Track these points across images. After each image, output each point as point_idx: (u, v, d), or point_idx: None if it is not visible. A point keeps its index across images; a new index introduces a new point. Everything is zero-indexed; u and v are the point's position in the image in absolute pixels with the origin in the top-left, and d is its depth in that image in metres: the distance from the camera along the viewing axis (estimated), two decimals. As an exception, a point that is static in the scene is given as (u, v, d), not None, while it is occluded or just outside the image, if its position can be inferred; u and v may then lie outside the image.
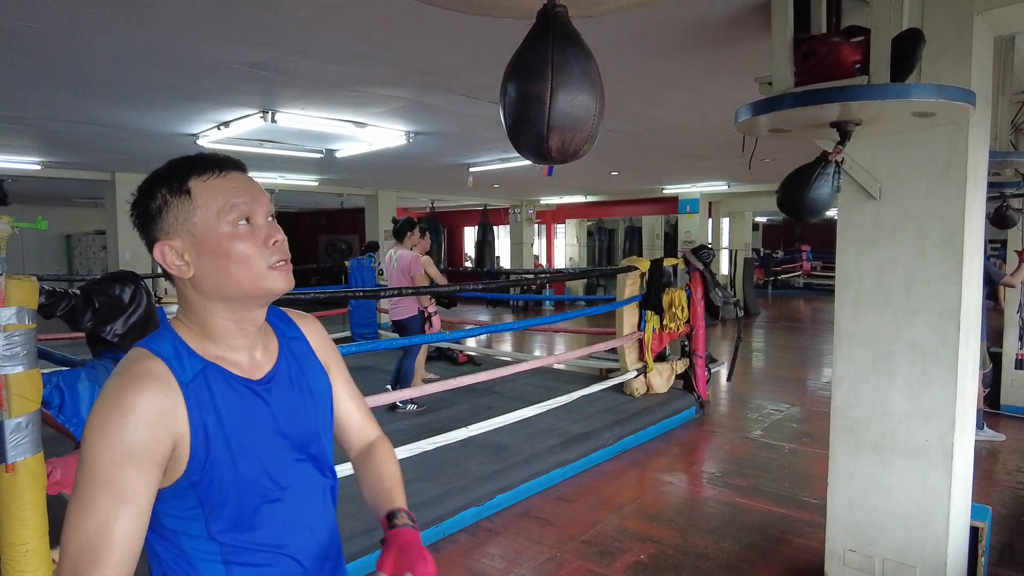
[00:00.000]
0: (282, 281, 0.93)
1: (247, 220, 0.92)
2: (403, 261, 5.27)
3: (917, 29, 1.84)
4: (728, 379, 6.54)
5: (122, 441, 0.82)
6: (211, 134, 5.46)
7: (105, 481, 0.82)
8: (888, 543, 2.48)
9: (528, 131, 1.17)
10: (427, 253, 5.79)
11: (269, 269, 0.92)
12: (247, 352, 0.98)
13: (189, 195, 0.90)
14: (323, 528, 1.04)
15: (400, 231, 5.34)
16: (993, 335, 5.41)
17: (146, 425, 0.84)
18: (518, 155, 1.20)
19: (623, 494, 3.91)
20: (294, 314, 1.13)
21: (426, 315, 5.33)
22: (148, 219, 0.92)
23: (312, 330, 1.12)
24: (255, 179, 0.98)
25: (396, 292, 4.53)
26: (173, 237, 0.91)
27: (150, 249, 0.92)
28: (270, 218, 0.95)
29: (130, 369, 0.88)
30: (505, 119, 1.19)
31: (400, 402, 5.07)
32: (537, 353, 9.06)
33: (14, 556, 1.87)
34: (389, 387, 5.23)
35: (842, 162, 2.03)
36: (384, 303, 7.30)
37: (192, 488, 0.89)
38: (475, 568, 3.03)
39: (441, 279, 5.53)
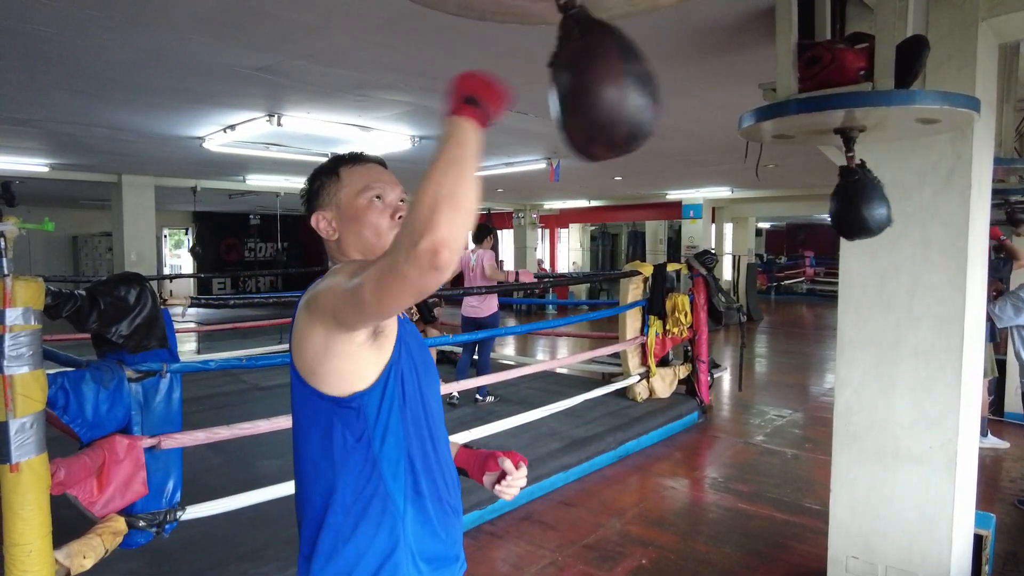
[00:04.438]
0: None
1: (379, 198, 1.13)
2: (483, 258, 5.65)
3: (922, 36, 1.84)
4: (739, 388, 6.52)
5: None
6: (217, 137, 5.49)
7: None
8: (891, 550, 2.47)
9: None
10: None
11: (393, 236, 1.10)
12: None
13: (338, 177, 1.15)
14: (455, 482, 1.20)
15: (480, 235, 5.69)
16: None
17: None
18: (521, 159, 1.20)
19: (625, 498, 3.90)
20: None
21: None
22: (311, 196, 1.17)
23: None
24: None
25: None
26: (325, 209, 1.15)
27: (309, 218, 1.17)
28: (401, 200, 1.16)
29: None
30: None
31: (479, 394, 5.43)
32: (540, 357, 9.05)
33: (17, 556, 1.88)
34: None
35: (863, 165, 1.98)
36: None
37: (389, 391, 1.04)
38: (477, 571, 3.02)
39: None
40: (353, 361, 1.00)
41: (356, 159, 1.18)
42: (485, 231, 5.71)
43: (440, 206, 0.76)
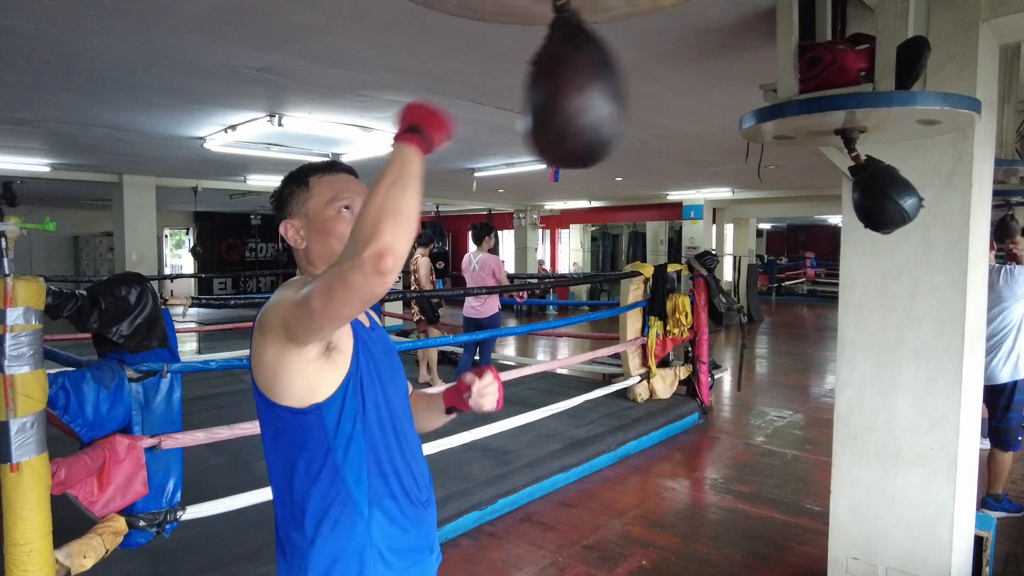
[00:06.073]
0: None
1: (347, 208, 1.14)
2: (490, 263, 5.66)
3: (923, 37, 1.84)
4: (739, 389, 6.52)
5: None
6: (218, 137, 5.49)
7: None
8: (891, 551, 2.47)
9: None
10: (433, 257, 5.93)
11: None
12: None
13: (307, 186, 1.16)
14: (426, 477, 1.23)
15: (479, 235, 5.70)
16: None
17: None
18: (523, 160, 1.21)
19: (625, 499, 3.90)
20: None
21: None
22: (280, 204, 1.19)
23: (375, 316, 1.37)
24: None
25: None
26: (294, 217, 1.16)
27: (278, 226, 1.18)
28: None
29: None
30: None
31: None
32: (540, 357, 9.05)
33: (18, 556, 1.88)
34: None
35: (871, 158, 1.94)
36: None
37: (348, 401, 1.06)
38: (477, 572, 3.02)
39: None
40: (305, 377, 1.02)
41: (326, 168, 1.18)
42: (485, 231, 5.72)
43: (383, 218, 0.82)
